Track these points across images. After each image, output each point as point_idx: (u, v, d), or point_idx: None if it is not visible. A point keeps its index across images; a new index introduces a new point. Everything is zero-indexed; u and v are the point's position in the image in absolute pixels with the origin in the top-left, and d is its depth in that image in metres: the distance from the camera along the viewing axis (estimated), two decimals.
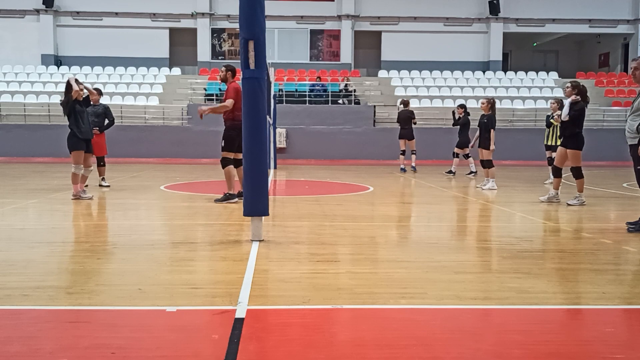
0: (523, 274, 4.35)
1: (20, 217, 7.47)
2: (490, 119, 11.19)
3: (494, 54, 28.74)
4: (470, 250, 5.59)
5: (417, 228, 7.24)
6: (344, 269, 4.55)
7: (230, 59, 28.35)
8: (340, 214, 7.71)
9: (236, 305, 3.45)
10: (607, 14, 28.60)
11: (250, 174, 5.45)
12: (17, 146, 21.71)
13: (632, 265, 5.00)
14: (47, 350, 2.78)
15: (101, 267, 4.58)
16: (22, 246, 5.34)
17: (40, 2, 27.31)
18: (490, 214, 8.33)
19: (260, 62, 5.33)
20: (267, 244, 5.39)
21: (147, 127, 23.15)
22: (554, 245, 5.84)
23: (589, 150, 20.72)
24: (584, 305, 3.65)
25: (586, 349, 2.89)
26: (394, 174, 14.94)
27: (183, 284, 3.99)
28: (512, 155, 21.77)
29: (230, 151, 8.66)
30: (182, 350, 2.77)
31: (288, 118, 22.99)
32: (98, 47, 27.71)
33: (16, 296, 3.65)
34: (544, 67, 30.03)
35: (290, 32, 28.89)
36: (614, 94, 26.00)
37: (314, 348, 2.82)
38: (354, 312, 3.45)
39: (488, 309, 3.55)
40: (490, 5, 28.16)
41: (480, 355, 2.78)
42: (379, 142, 22.77)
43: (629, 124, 6.48)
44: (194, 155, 21.62)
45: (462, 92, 25.74)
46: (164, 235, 6.29)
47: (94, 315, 3.33)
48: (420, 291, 3.88)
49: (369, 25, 28.89)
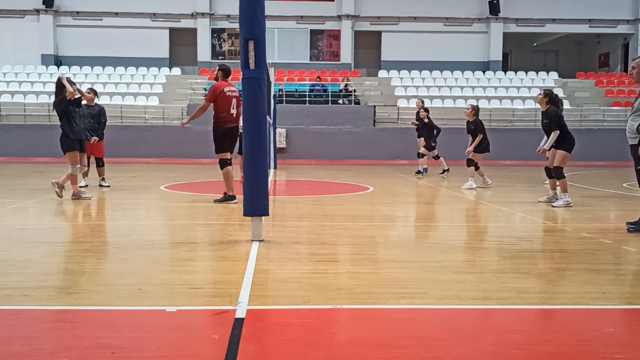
0: (523, 274, 4.35)
1: (20, 217, 7.46)
2: (477, 124, 11.25)
3: (494, 54, 28.75)
4: (470, 250, 5.59)
5: (417, 228, 7.24)
6: (344, 269, 4.55)
7: (230, 59, 28.36)
8: (340, 214, 7.71)
9: (236, 305, 3.45)
10: (607, 14, 28.60)
11: (250, 174, 5.44)
12: (17, 146, 21.71)
13: (632, 265, 5.00)
14: (47, 350, 2.78)
15: (101, 267, 4.58)
16: (22, 246, 5.33)
17: (40, 2, 27.32)
18: (490, 214, 8.33)
19: (260, 62, 5.33)
20: (267, 244, 5.38)
21: (147, 127, 23.15)
22: (554, 245, 5.84)
23: (589, 151, 20.91)
24: (584, 305, 3.65)
25: (586, 349, 2.89)
26: (393, 174, 14.94)
27: (183, 284, 3.99)
28: (512, 155, 21.78)
29: (224, 151, 8.65)
30: (182, 350, 2.77)
31: (288, 118, 22.99)
32: (98, 47, 27.72)
33: (16, 296, 3.64)
34: (544, 67, 30.04)
35: (290, 32, 28.90)
36: (614, 94, 26.00)
37: (314, 348, 2.82)
38: (354, 312, 3.45)
39: (488, 309, 3.55)
40: (490, 5, 28.16)
41: (480, 355, 2.78)
42: (379, 142, 22.78)
43: (629, 124, 6.48)
44: (194, 155, 21.62)
45: (462, 92, 25.74)
46: (164, 235, 6.29)
47: (94, 315, 3.33)
48: (420, 291, 3.88)
49: (369, 25, 28.89)
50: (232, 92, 8.56)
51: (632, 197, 10.33)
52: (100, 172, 11.17)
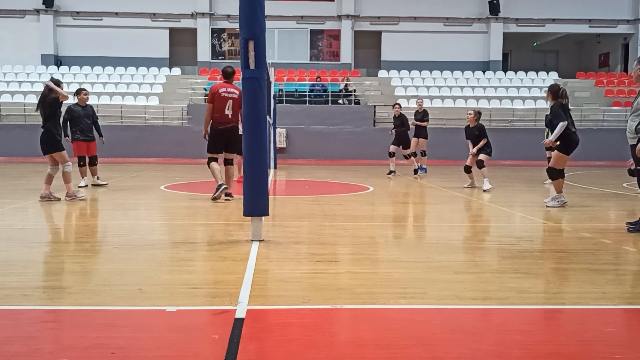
0: (523, 274, 4.35)
1: (20, 217, 7.46)
2: (481, 129, 11.05)
3: (494, 54, 28.75)
4: (470, 250, 5.59)
5: (417, 228, 7.24)
6: (344, 269, 4.55)
7: (230, 59, 28.36)
8: (340, 214, 7.71)
9: (236, 305, 3.45)
10: (607, 14, 28.61)
11: (250, 174, 5.44)
12: (17, 146, 21.69)
13: (632, 265, 5.00)
14: (47, 350, 2.78)
15: (101, 267, 4.58)
16: (22, 246, 5.33)
17: (40, 2, 27.32)
18: (490, 214, 8.33)
19: (260, 62, 5.33)
20: (267, 244, 5.38)
21: (147, 127, 23.15)
22: (554, 245, 5.83)
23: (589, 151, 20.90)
24: (584, 305, 3.64)
25: (586, 349, 2.89)
26: (393, 174, 14.93)
27: (183, 284, 3.99)
28: (512, 155, 21.78)
29: (214, 152, 8.88)
30: (182, 350, 2.77)
31: (288, 118, 22.99)
32: (98, 47, 27.72)
33: (16, 296, 3.64)
34: (544, 67, 30.04)
35: (290, 32, 28.90)
36: (614, 94, 26.00)
37: (314, 348, 2.82)
38: (354, 312, 3.45)
39: (488, 309, 3.55)
40: (490, 5, 28.17)
41: (480, 355, 2.78)
42: (379, 142, 22.74)
43: (628, 124, 6.48)
44: (194, 155, 21.60)
45: (462, 92, 25.75)
46: (164, 235, 6.29)
47: (94, 315, 3.33)
48: (420, 291, 3.88)
49: (369, 25, 28.89)
50: (228, 94, 8.72)
51: (632, 197, 10.34)
52: (94, 171, 11.16)
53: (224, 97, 8.67)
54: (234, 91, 8.75)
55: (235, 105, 8.65)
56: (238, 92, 8.65)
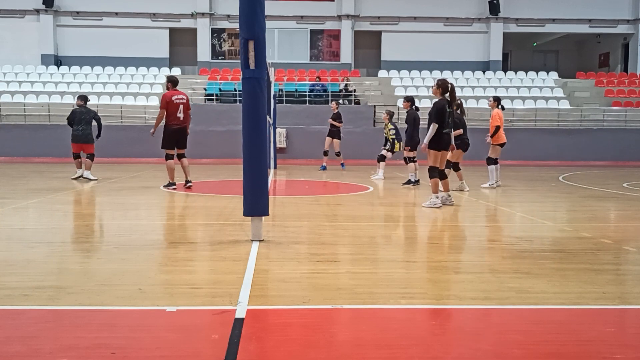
0: (523, 274, 4.35)
1: (20, 217, 7.46)
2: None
3: (494, 54, 28.74)
4: (470, 250, 5.59)
5: (417, 228, 7.23)
6: (344, 269, 4.55)
7: (230, 59, 28.35)
8: (340, 214, 7.71)
9: (236, 305, 3.45)
10: (607, 14, 28.59)
11: (250, 174, 5.44)
12: (17, 146, 21.67)
13: (632, 265, 5.00)
14: (47, 350, 2.78)
15: (101, 267, 4.58)
16: (22, 246, 5.33)
17: (40, 2, 27.31)
18: (490, 214, 8.33)
19: (260, 62, 5.33)
20: (267, 244, 5.38)
21: (147, 127, 23.07)
22: (553, 245, 5.84)
23: (589, 151, 20.86)
24: (584, 305, 3.65)
25: (586, 349, 2.89)
26: (394, 174, 14.93)
27: (183, 284, 3.99)
28: (512, 155, 21.74)
29: (170, 148, 10.51)
30: (182, 350, 2.77)
31: (288, 118, 22.97)
32: (98, 47, 27.70)
33: (16, 296, 3.65)
34: (544, 67, 30.03)
35: (290, 32, 28.89)
36: (614, 94, 25.98)
37: (314, 348, 2.82)
38: (354, 312, 3.45)
39: (488, 309, 3.55)
40: (490, 5, 28.16)
41: (480, 355, 2.78)
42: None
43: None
44: (193, 155, 21.42)
45: (462, 92, 25.72)
46: (164, 235, 6.29)
47: (94, 315, 3.33)
48: (420, 291, 3.88)
49: (369, 25, 28.88)
50: (179, 100, 10.34)
51: (632, 197, 10.34)
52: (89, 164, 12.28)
53: (176, 103, 10.28)
54: (182, 97, 10.42)
55: (185, 108, 10.33)
56: (186, 97, 10.53)
